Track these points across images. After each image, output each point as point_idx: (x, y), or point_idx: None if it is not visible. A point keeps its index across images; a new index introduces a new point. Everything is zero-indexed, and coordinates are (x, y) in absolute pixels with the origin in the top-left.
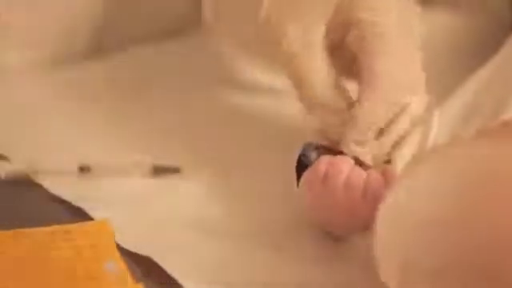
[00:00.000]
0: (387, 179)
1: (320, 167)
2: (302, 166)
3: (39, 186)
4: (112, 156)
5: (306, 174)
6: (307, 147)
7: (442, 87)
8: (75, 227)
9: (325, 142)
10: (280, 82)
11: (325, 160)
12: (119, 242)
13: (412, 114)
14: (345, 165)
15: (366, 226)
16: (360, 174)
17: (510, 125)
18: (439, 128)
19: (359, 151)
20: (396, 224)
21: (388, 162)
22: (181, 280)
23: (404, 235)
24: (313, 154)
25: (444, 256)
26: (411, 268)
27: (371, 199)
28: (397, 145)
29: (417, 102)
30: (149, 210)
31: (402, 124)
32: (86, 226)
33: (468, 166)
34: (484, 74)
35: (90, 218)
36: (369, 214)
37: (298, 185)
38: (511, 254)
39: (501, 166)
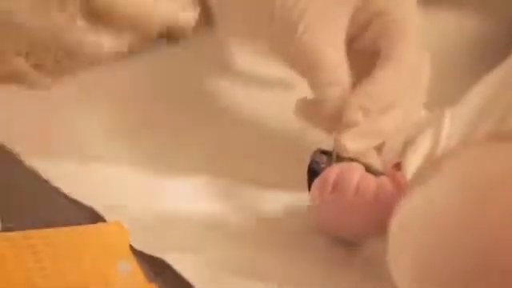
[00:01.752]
0: (398, 184)
1: (330, 175)
2: (312, 173)
3: (52, 187)
4: None
5: (316, 182)
6: (317, 154)
7: (447, 89)
8: (89, 228)
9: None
10: (291, 77)
11: (335, 168)
12: (132, 243)
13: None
14: (355, 172)
15: (378, 230)
16: (371, 180)
17: None
18: (450, 131)
19: (359, 120)
20: (407, 228)
21: (398, 167)
22: (192, 280)
23: (414, 239)
24: (323, 160)
25: (448, 259)
26: (421, 274)
27: (383, 203)
28: (406, 149)
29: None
30: (161, 211)
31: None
32: (99, 227)
33: (473, 170)
34: (494, 78)
35: (103, 220)
36: (381, 218)
37: (309, 191)
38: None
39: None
